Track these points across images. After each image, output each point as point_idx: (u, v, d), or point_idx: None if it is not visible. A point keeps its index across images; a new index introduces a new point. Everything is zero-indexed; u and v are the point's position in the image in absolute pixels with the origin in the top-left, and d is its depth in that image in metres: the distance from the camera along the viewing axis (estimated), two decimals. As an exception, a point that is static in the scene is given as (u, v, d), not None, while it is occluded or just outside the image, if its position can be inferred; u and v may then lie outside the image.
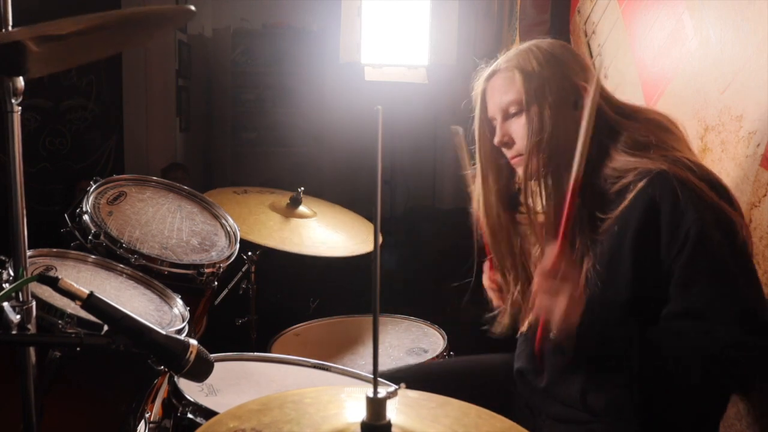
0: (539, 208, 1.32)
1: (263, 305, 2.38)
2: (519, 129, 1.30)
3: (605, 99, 1.30)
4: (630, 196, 1.19)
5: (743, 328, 1.11)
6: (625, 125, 1.27)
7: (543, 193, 1.30)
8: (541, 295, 1.17)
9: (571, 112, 1.26)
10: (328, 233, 2.29)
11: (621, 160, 1.23)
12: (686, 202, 1.14)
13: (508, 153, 1.34)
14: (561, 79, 1.27)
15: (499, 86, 1.33)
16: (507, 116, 1.32)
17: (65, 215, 1.73)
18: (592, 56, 2.29)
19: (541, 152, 1.27)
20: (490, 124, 1.36)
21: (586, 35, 2.36)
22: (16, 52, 0.94)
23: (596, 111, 1.25)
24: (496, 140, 1.34)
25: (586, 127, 1.17)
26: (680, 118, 1.36)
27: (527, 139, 1.28)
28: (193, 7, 1.03)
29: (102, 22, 0.92)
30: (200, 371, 1.03)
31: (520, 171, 1.34)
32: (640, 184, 1.18)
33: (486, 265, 1.49)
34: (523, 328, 1.42)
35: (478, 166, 1.41)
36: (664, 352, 1.14)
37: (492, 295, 1.50)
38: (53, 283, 0.97)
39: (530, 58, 1.29)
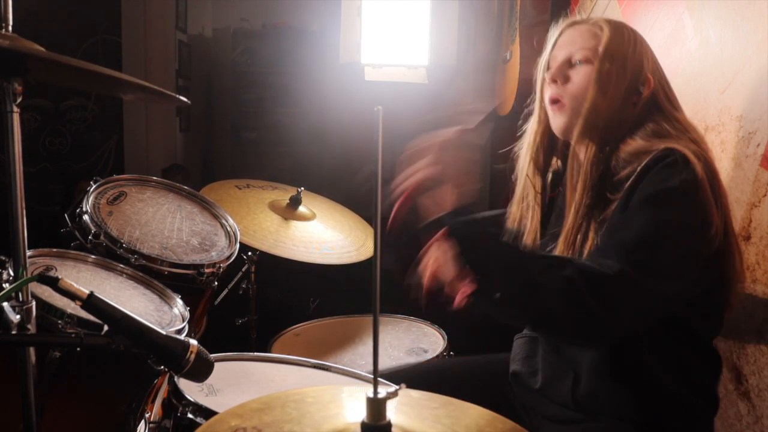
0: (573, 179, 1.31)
1: (263, 305, 2.38)
2: (581, 76, 1.29)
3: (662, 98, 1.30)
4: (635, 174, 1.19)
5: (629, 276, 1.09)
6: (658, 119, 1.28)
7: (574, 159, 1.29)
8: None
9: (630, 95, 1.27)
10: (326, 237, 2.28)
11: (635, 145, 1.24)
12: (676, 171, 1.14)
13: (553, 90, 1.32)
14: (638, 61, 1.28)
15: (579, 34, 1.33)
16: (572, 62, 1.31)
17: (65, 215, 1.73)
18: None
19: (591, 117, 1.26)
20: (550, 64, 1.36)
21: (586, 35, 2.36)
22: (17, 55, 0.94)
23: (649, 105, 1.28)
24: (550, 74, 1.33)
25: None
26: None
27: (590, 96, 1.26)
28: (188, 101, 1.06)
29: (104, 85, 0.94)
30: (200, 371, 1.03)
31: (557, 118, 1.33)
32: (646, 159, 1.19)
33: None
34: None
35: (536, 107, 1.41)
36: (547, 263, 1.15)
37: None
38: (53, 283, 0.97)
39: (623, 27, 1.31)
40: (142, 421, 1.41)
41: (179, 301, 1.60)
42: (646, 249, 1.11)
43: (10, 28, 1.01)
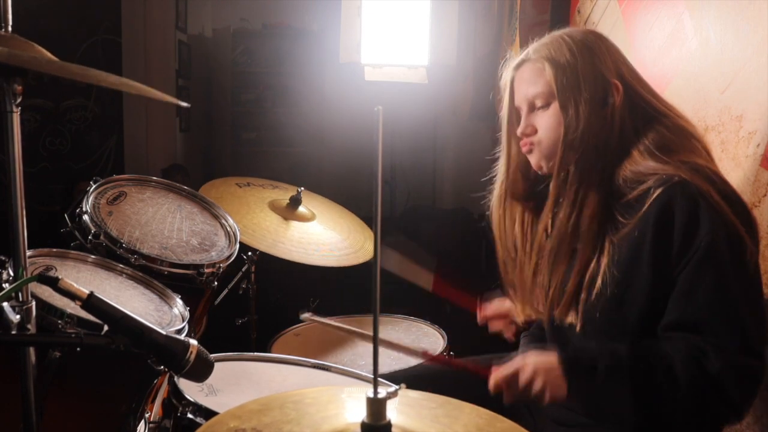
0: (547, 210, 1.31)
1: (263, 305, 2.38)
2: (544, 122, 1.27)
3: (637, 96, 1.26)
4: (649, 201, 1.16)
5: (737, 350, 1.10)
6: (652, 126, 1.24)
7: (566, 191, 1.26)
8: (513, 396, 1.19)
9: (601, 110, 1.23)
10: (325, 239, 2.28)
11: (642, 164, 1.21)
12: (702, 215, 1.12)
13: (525, 141, 1.32)
14: (595, 74, 1.23)
15: (527, 77, 1.29)
16: (532, 108, 1.29)
17: (65, 215, 1.73)
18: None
19: (572, 149, 1.23)
20: (517, 113, 1.34)
21: (586, 35, 2.36)
22: (16, 63, 0.94)
23: (627, 110, 1.24)
24: (519, 131, 1.31)
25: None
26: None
27: (562, 135, 1.24)
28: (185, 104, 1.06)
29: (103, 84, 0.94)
30: (200, 371, 1.03)
31: (533, 161, 1.32)
32: (659, 191, 1.16)
33: (479, 317, 1.51)
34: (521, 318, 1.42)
35: (502, 155, 1.39)
36: (658, 370, 1.13)
37: (500, 326, 1.51)
38: (53, 283, 0.97)
39: (563, 48, 1.25)
40: (142, 421, 1.41)
41: (179, 301, 1.60)
42: (730, 319, 1.12)
43: (10, 28, 1.01)
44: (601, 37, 1.31)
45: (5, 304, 1.02)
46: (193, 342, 1.02)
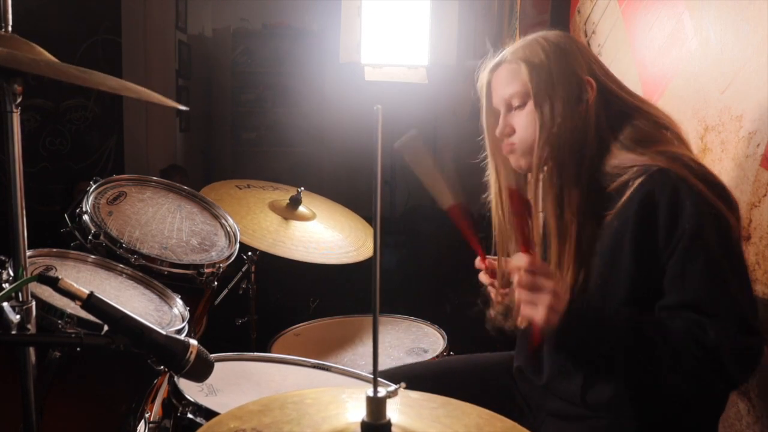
0: (539, 206, 1.32)
1: (263, 305, 2.38)
2: (521, 120, 1.30)
3: (610, 93, 1.29)
4: (629, 192, 1.19)
5: (734, 326, 1.11)
6: (627, 121, 1.27)
7: (544, 188, 1.29)
8: (522, 306, 1.17)
9: (575, 107, 1.26)
10: (326, 237, 2.28)
11: (621, 157, 1.23)
12: (684, 199, 1.14)
13: (506, 142, 1.35)
14: (568, 73, 1.27)
15: (503, 78, 1.33)
16: (510, 108, 1.33)
17: (65, 215, 1.73)
18: (592, 56, 2.29)
19: (548, 146, 1.26)
20: (495, 115, 1.37)
21: (586, 35, 2.36)
22: (15, 64, 0.94)
23: (601, 106, 1.26)
24: (498, 131, 1.35)
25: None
26: (680, 118, 1.36)
27: (537, 132, 1.27)
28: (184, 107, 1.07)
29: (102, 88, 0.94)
30: (200, 371, 1.03)
31: (512, 159, 1.35)
32: (639, 181, 1.18)
33: (478, 261, 1.49)
34: (521, 324, 1.42)
35: (489, 156, 1.42)
36: (656, 340, 1.14)
37: (491, 289, 1.49)
38: (53, 283, 0.97)
39: (537, 50, 1.28)
40: (142, 421, 1.41)
41: (179, 301, 1.60)
42: (721, 294, 1.13)
43: (10, 28, 1.01)
44: (574, 39, 1.36)
45: (5, 304, 1.02)
46: (193, 342, 1.02)
